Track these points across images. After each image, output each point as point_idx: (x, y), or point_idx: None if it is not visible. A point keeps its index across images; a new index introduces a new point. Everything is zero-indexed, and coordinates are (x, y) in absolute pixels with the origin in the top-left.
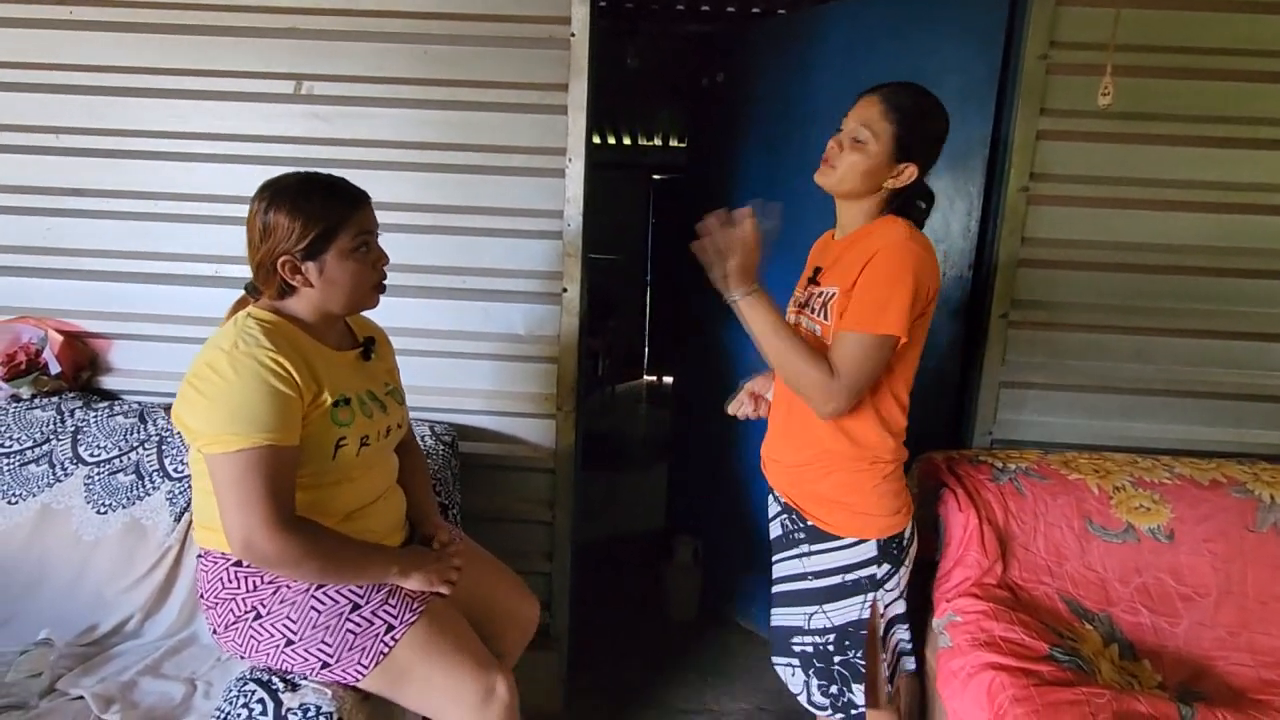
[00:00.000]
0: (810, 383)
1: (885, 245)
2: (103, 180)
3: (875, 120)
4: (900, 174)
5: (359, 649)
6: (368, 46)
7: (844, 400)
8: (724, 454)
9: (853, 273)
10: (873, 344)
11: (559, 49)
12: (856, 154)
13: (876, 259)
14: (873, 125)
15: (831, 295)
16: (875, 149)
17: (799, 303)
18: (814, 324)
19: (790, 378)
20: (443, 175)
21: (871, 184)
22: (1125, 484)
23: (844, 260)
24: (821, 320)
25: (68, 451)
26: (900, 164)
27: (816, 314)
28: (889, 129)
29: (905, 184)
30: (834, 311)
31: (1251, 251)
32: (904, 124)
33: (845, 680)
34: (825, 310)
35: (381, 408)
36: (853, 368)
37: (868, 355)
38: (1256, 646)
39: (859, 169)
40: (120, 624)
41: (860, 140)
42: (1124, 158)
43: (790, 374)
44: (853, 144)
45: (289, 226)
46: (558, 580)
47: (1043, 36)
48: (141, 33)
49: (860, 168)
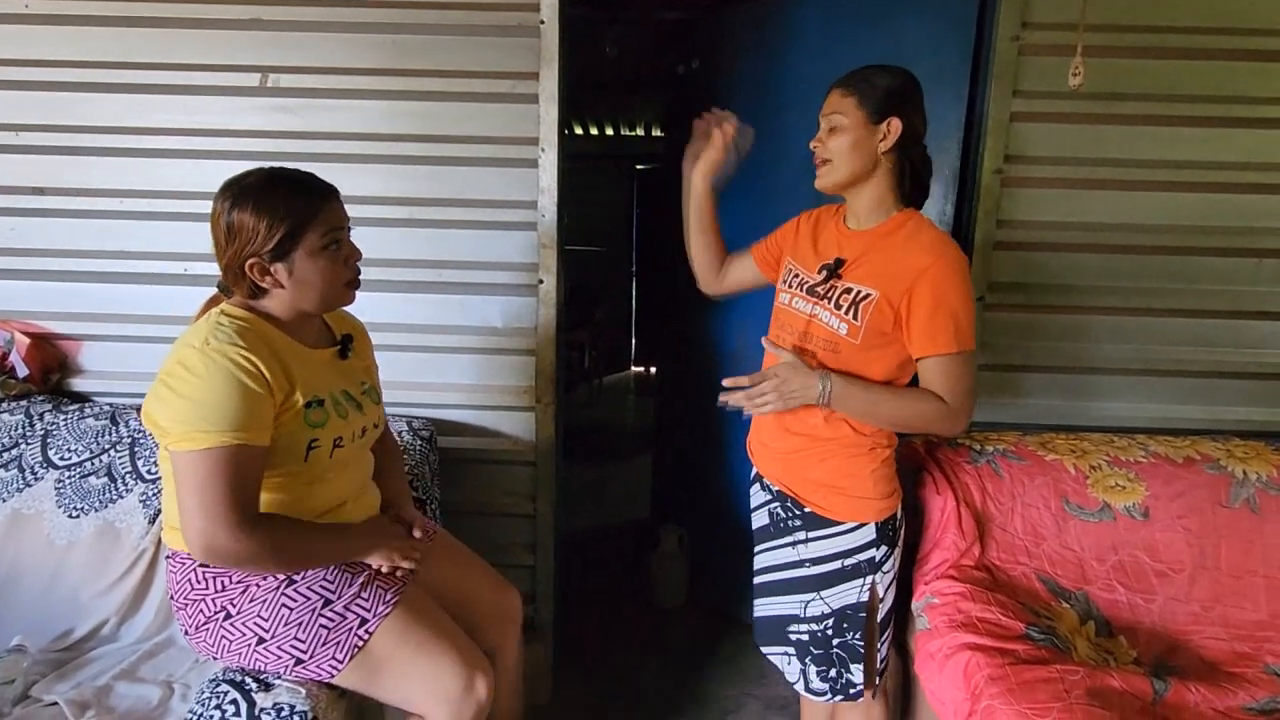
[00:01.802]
0: (932, 421)
1: (937, 259)
2: (66, 178)
3: (839, 102)
4: (887, 132)
5: (333, 643)
6: (334, 37)
7: (966, 418)
8: (708, 442)
9: (898, 282)
10: (965, 360)
11: (529, 36)
12: (837, 137)
13: (933, 276)
14: (839, 107)
15: (865, 296)
16: (849, 121)
17: (809, 288)
18: (838, 321)
19: (912, 428)
20: (414, 167)
21: (866, 156)
22: (1101, 463)
23: (875, 259)
24: (849, 319)
25: (37, 455)
26: (880, 123)
27: (844, 311)
28: (853, 100)
29: (895, 139)
30: (868, 315)
31: (1224, 230)
32: (864, 90)
33: (843, 662)
34: (855, 310)
35: (357, 407)
36: (960, 388)
37: (966, 371)
38: (1230, 620)
39: (845, 147)
40: (95, 628)
41: (835, 126)
42: (1096, 138)
43: (909, 425)
44: (830, 133)
45: (254, 227)
46: (542, 572)
47: (1014, 18)
48: (101, 25)
49: (846, 145)
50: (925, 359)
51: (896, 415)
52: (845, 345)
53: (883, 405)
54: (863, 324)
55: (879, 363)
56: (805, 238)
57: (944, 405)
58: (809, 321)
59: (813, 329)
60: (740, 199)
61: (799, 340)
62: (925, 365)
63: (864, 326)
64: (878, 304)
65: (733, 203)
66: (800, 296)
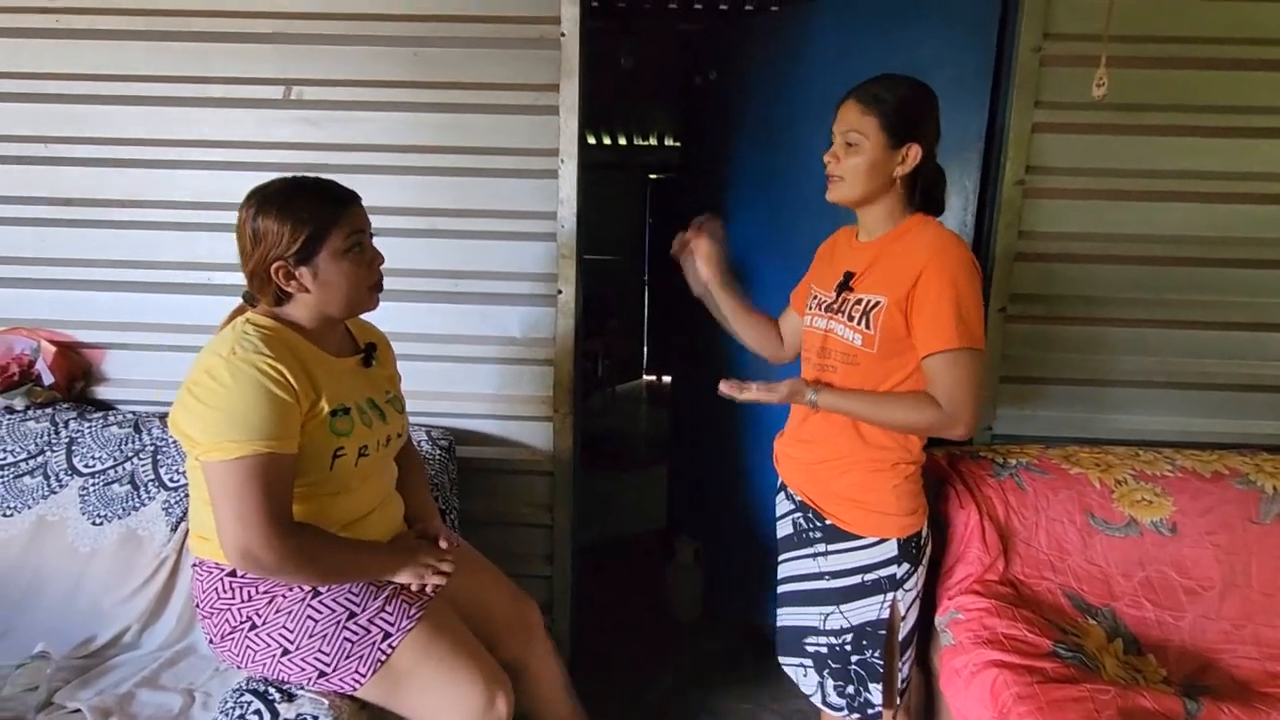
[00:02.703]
0: (928, 424)
1: (936, 254)
2: (93, 189)
3: (858, 119)
4: (905, 158)
5: (356, 657)
6: (357, 50)
7: (965, 421)
8: (724, 453)
9: (902, 284)
10: (965, 358)
11: (550, 49)
12: (854, 156)
13: (932, 272)
14: (858, 125)
15: (875, 304)
16: (869, 144)
17: (826, 305)
18: (851, 332)
19: (912, 430)
20: (435, 178)
21: (881, 179)
22: (1127, 477)
23: (882, 266)
24: (863, 329)
25: (62, 463)
26: (900, 148)
27: (856, 322)
28: (874, 121)
29: (914, 165)
30: (880, 323)
31: (1248, 241)
32: (885, 110)
33: (862, 680)
34: (867, 319)
35: (381, 416)
36: (956, 388)
37: (968, 371)
38: (1262, 639)
39: (862, 169)
40: (117, 635)
41: (852, 143)
42: (1119, 149)
43: (908, 428)
44: (847, 149)
45: (279, 231)
46: (558, 583)
47: (1036, 28)
48: (130, 40)
49: (863, 167)
50: (928, 357)
51: (890, 419)
52: (863, 356)
53: (870, 411)
54: (877, 332)
55: (899, 371)
56: (824, 262)
57: (936, 408)
58: (825, 336)
59: (829, 343)
60: (751, 209)
61: (818, 356)
62: (927, 364)
63: (878, 334)
64: (888, 310)
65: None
66: (819, 315)
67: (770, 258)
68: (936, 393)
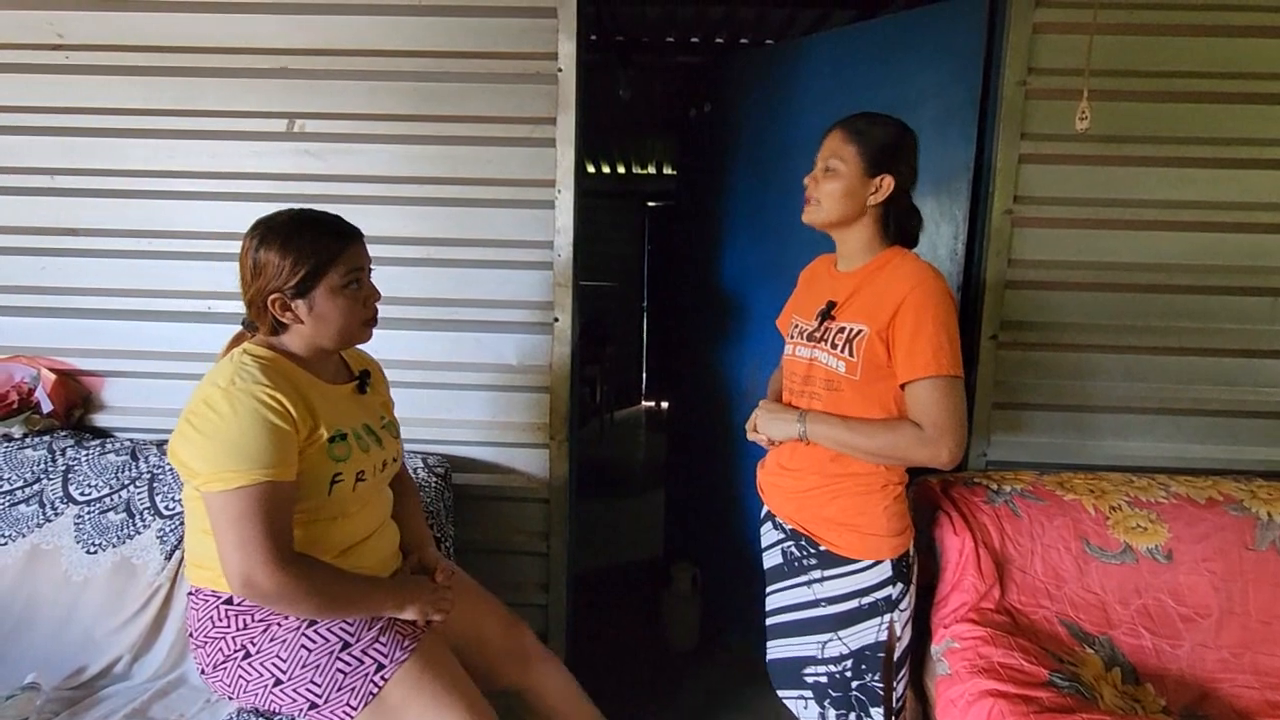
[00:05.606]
0: (908, 449)
1: (915, 286)
2: (97, 219)
3: (840, 147)
4: (879, 187)
5: (348, 689)
6: (358, 84)
7: (949, 446)
8: (721, 479)
9: (882, 314)
10: (945, 385)
11: (547, 84)
12: (832, 181)
13: (913, 302)
14: (839, 152)
15: (858, 333)
16: (846, 170)
17: (808, 335)
18: (835, 360)
19: (894, 458)
20: (434, 209)
21: (855, 204)
22: (1122, 504)
23: (864, 297)
24: (846, 357)
25: (58, 490)
26: (874, 177)
27: (839, 350)
28: (854, 149)
29: (885, 195)
30: (862, 351)
31: (1233, 269)
32: (865, 142)
33: (863, 705)
34: (850, 347)
35: (377, 441)
36: (938, 413)
37: (947, 397)
38: (1261, 667)
39: (838, 193)
40: (109, 665)
41: (831, 169)
42: (1104, 179)
43: (891, 456)
44: (825, 174)
45: (279, 264)
46: (554, 612)
47: (1020, 63)
48: (135, 75)
49: (839, 192)
50: (909, 384)
51: (872, 446)
52: (846, 383)
53: (853, 438)
54: (859, 359)
55: (882, 398)
56: (804, 292)
57: (919, 432)
58: (809, 364)
59: (813, 371)
60: (746, 238)
61: (801, 384)
62: (908, 391)
63: (860, 362)
64: (869, 339)
65: (740, 241)
66: (801, 344)
67: (763, 284)
68: (917, 418)
